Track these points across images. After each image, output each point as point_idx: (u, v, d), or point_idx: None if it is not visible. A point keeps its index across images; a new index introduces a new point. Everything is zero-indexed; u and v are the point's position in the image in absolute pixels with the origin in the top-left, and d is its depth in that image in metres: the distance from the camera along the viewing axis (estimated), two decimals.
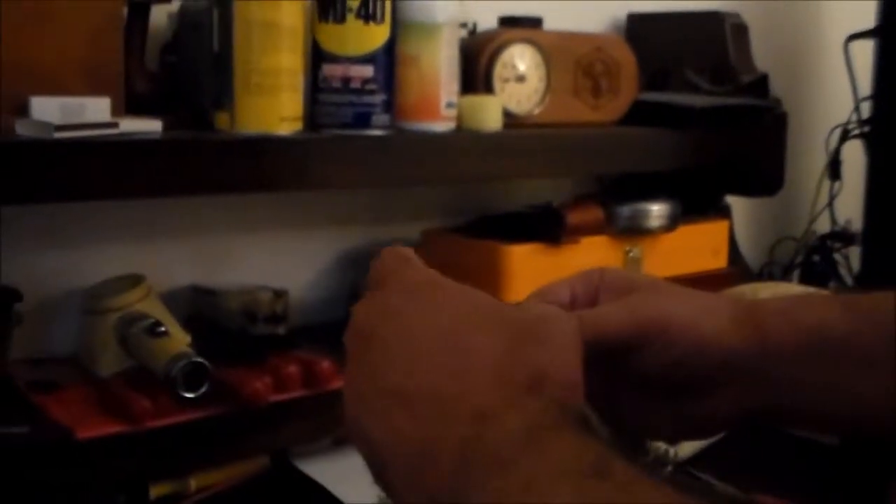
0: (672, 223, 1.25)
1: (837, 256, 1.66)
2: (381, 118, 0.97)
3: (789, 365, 0.57)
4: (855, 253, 1.61)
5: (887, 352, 0.56)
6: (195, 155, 0.87)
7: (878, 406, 0.56)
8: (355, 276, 1.21)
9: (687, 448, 1.03)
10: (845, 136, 1.59)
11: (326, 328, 1.17)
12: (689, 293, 0.60)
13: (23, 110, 0.83)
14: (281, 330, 1.06)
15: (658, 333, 0.57)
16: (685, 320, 0.57)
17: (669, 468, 0.98)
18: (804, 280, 1.64)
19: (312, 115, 0.97)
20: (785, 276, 1.65)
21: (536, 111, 1.14)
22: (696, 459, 1.02)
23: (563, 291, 0.60)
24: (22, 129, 0.82)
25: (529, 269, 1.12)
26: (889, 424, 0.57)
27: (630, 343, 0.57)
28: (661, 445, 1.02)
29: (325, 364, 0.98)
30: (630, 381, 0.59)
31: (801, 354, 0.57)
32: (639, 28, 1.45)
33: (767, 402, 0.58)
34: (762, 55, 1.46)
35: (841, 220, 1.65)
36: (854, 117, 1.56)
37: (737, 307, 0.59)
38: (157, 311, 0.99)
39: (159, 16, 1.02)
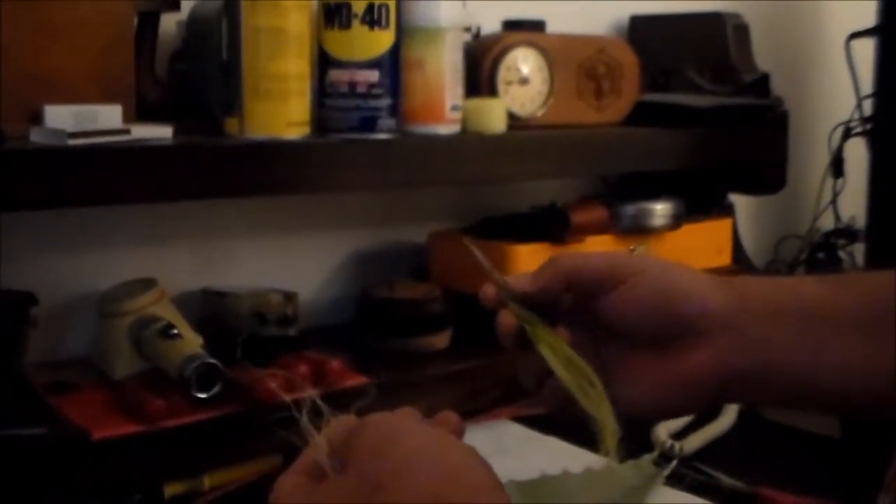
0: (676, 222, 1.26)
1: (842, 253, 1.67)
2: (386, 122, 0.99)
3: (765, 324, 0.58)
4: (859, 250, 1.62)
5: (858, 315, 0.57)
6: (206, 160, 0.88)
7: (852, 372, 0.57)
8: (364, 279, 1.23)
9: (692, 443, 1.05)
10: (847, 133, 1.60)
11: (336, 330, 1.19)
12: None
13: (37, 118, 0.85)
14: (291, 331, 1.08)
15: (632, 274, 0.60)
16: (660, 270, 0.60)
17: (675, 463, 0.99)
18: None
19: (319, 119, 0.99)
20: (790, 273, 1.66)
21: (540, 113, 1.16)
22: (701, 454, 1.03)
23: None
24: (36, 136, 0.83)
25: (535, 268, 1.13)
26: (865, 393, 0.57)
27: (604, 278, 0.60)
28: (668, 441, 1.04)
29: (336, 364, 1.00)
30: (613, 340, 0.61)
31: (775, 314, 0.58)
32: (641, 30, 1.46)
33: (746, 366, 0.59)
34: (763, 55, 1.47)
35: (844, 217, 1.66)
36: (856, 115, 1.57)
37: (715, 276, 0.61)
38: (170, 313, 1.01)
39: (168, 24, 1.04)
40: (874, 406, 0.59)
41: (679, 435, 1.06)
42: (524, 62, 1.14)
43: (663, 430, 1.06)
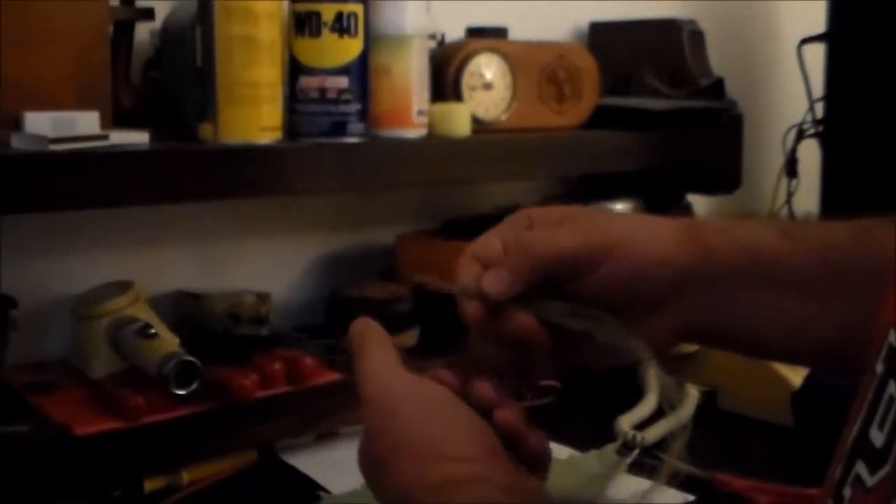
0: None
1: None
2: (356, 126, 1.02)
3: (730, 280, 0.60)
4: None
5: (812, 277, 0.58)
6: (182, 164, 0.91)
7: (803, 330, 0.59)
8: (334, 279, 1.26)
9: (653, 433, 1.08)
10: (801, 135, 1.63)
11: (308, 329, 1.22)
12: (632, 216, 0.65)
13: (17, 125, 0.87)
14: (264, 331, 1.10)
15: (608, 252, 0.59)
16: (633, 241, 0.60)
17: (637, 452, 1.03)
18: None
19: (291, 124, 1.02)
20: None
21: (503, 117, 1.19)
22: (662, 443, 1.07)
23: (493, 244, 0.61)
24: (18, 142, 0.86)
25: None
26: (813, 349, 0.60)
27: (582, 262, 0.59)
28: (630, 431, 1.08)
29: (308, 361, 1.03)
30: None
31: (739, 271, 0.60)
32: (600, 36, 1.50)
33: (705, 321, 0.60)
34: (718, 60, 1.52)
35: (799, 215, 1.71)
36: (809, 117, 1.62)
37: (679, 225, 0.61)
38: (146, 315, 1.02)
39: (141, 33, 1.06)
40: (822, 360, 0.63)
41: (641, 426, 1.10)
42: (487, 68, 1.18)
43: (626, 422, 1.10)
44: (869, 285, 0.56)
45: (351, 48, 1.01)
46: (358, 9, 1.00)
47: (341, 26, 1.00)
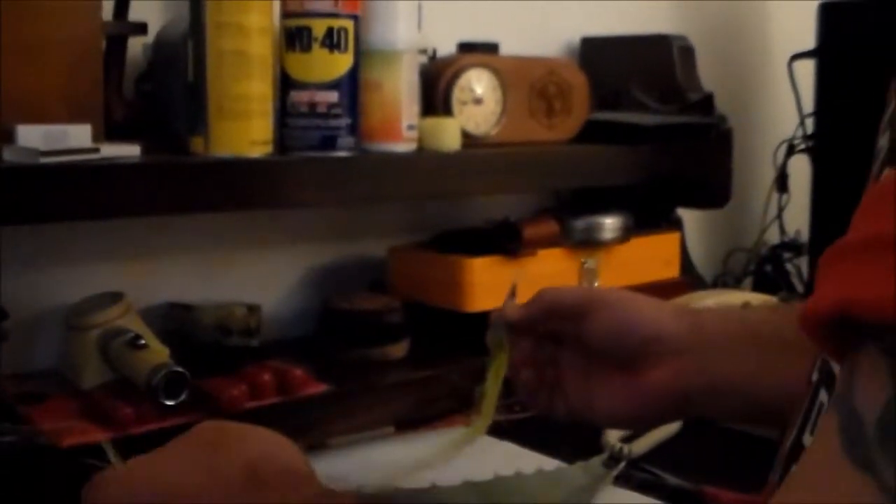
0: (625, 235, 1.30)
1: (789, 266, 1.72)
2: (346, 140, 1.03)
3: (717, 346, 0.66)
4: (805, 263, 1.68)
5: (798, 338, 0.62)
6: (172, 177, 0.92)
7: (793, 388, 0.61)
8: (325, 291, 1.26)
9: (640, 445, 1.09)
10: (791, 150, 1.65)
11: (298, 341, 1.23)
12: (640, 297, 0.71)
13: (9, 138, 0.88)
14: (254, 343, 1.11)
15: (603, 303, 0.69)
16: (624, 300, 0.69)
17: (623, 464, 1.04)
18: (756, 289, 1.69)
19: (282, 138, 1.02)
20: (738, 285, 1.71)
21: (493, 132, 1.20)
22: (649, 456, 1.08)
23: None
24: (9, 155, 0.86)
25: (489, 280, 1.17)
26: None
27: (578, 307, 0.70)
28: (617, 443, 1.08)
29: (298, 372, 1.03)
30: (599, 362, 0.70)
31: (726, 338, 0.66)
32: (591, 51, 1.51)
33: (701, 382, 0.66)
34: (708, 75, 1.52)
35: (790, 231, 1.71)
36: (799, 133, 1.63)
37: (676, 306, 0.70)
38: (137, 326, 1.03)
39: (134, 47, 1.07)
40: None
41: (628, 438, 1.11)
42: (478, 83, 1.19)
43: (613, 434, 1.11)
44: None
45: (341, 63, 1.02)
46: (348, 24, 1.01)
47: (332, 41, 1.01)
